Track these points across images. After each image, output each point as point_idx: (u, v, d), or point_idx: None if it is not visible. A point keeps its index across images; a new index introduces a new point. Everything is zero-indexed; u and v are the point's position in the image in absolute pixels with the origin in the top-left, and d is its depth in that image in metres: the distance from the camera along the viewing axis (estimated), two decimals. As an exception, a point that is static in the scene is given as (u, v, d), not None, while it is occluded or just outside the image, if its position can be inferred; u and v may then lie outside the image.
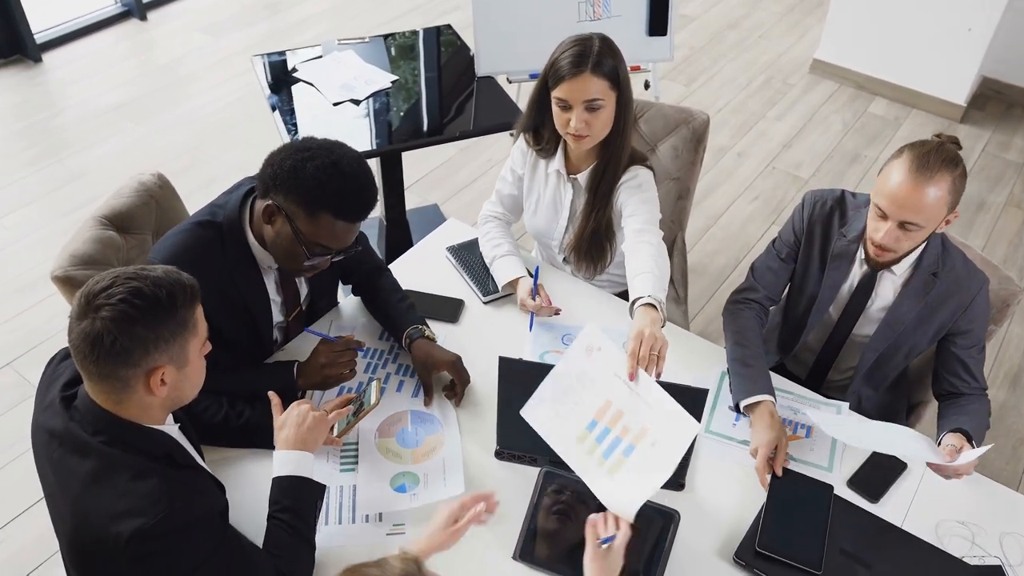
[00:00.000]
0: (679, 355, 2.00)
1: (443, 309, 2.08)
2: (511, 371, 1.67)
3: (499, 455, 1.76)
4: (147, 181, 2.13)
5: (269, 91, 2.86)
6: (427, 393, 1.86)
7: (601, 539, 1.45)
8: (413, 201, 3.70)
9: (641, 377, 1.57)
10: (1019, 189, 4.07)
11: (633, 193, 2.04)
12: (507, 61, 3.16)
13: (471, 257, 2.23)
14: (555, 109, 1.96)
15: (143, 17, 5.01)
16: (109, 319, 1.24)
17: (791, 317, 2.10)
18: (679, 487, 1.72)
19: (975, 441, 1.76)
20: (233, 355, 1.79)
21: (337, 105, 2.79)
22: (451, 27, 3.28)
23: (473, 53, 3.09)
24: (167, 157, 3.93)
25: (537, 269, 2.08)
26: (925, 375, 2.08)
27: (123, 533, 1.25)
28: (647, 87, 3.77)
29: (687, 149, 2.54)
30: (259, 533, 1.50)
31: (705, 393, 1.61)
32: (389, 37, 3.20)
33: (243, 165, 2.40)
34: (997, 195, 4.03)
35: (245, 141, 4.01)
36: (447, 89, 3.00)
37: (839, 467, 1.79)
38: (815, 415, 1.80)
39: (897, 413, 2.14)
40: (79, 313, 1.27)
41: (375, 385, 1.71)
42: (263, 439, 1.65)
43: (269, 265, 1.80)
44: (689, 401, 1.61)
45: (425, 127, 2.82)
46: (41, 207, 3.69)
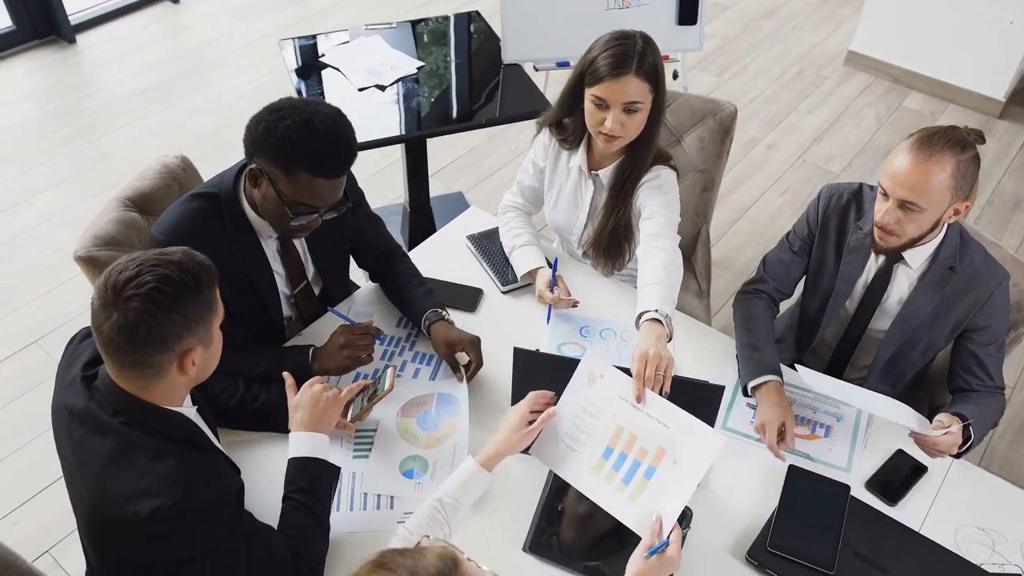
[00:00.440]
0: (698, 351, 1.99)
1: (461, 297, 2.07)
2: (526, 362, 1.66)
3: (512, 446, 1.75)
4: (170, 163, 2.15)
5: (296, 76, 2.87)
6: (456, 370, 1.86)
7: (649, 550, 1.41)
8: (438, 188, 3.70)
9: (649, 397, 1.55)
10: (1057, 188, 3.97)
11: (654, 194, 2.01)
12: (534, 49, 3.14)
13: (491, 246, 2.22)
14: (589, 106, 1.91)
15: (175, 0, 5.05)
16: (144, 309, 1.25)
17: (808, 312, 2.07)
18: (693, 484, 1.70)
19: (975, 431, 1.73)
20: (245, 330, 1.80)
21: (362, 90, 2.79)
22: (479, 13, 3.26)
23: (500, 40, 3.07)
24: (194, 140, 3.97)
25: (556, 260, 2.07)
26: (946, 377, 2.03)
27: (141, 513, 1.27)
28: (675, 77, 3.72)
29: (713, 141, 2.51)
30: (274, 515, 1.51)
31: (721, 390, 1.59)
32: (420, 23, 3.19)
33: (267, 149, 2.40)
34: (1034, 193, 3.94)
35: (273, 125, 4.00)
36: (474, 76, 2.99)
37: (857, 468, 1.76)
38: (806, 374, 1.77)
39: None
40: (106, 304, 1.26)
41: (390, 372, 1.71)
42: (278, 422, 1.66)
43: (269, 235, 1.81)
44: (705, 397, 1.60)
45: (450, 114, 2.81)
46: (71, 187, 3.74)
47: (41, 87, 4.36)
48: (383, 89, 2.81)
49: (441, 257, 2.18)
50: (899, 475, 1.74)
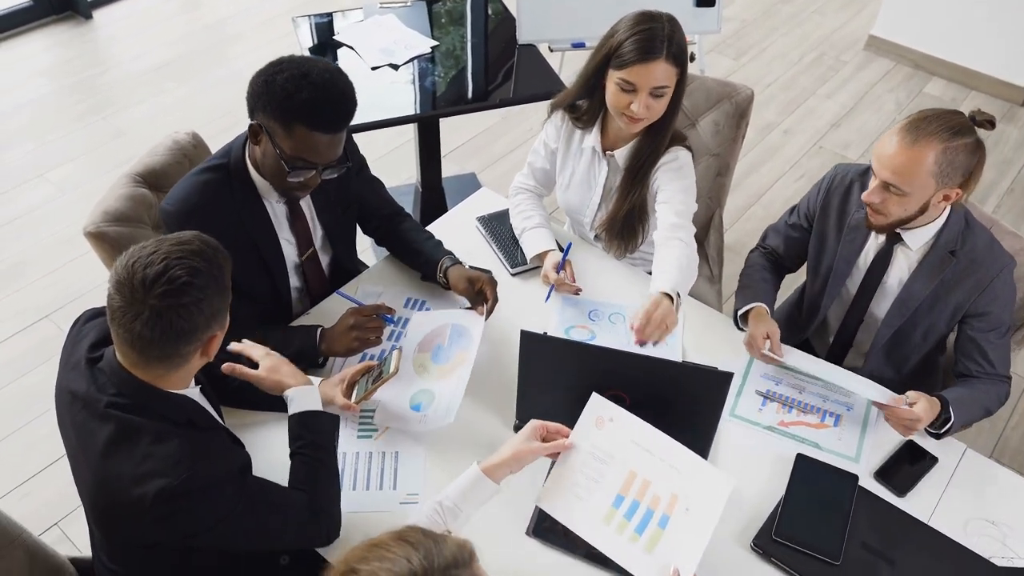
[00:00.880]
0: (709, 336, 1.97)
1: (471, 279, 2.06)
2: (533, 345, 1.65)
3: (518, 429, 1.74)
4: (181, 140, 2.14)
5: (309, 54, 2.85)
6: (476, 305, 1.88)
7: None
8: (451, 169, 3.68)
9: (663, 441, 1.49)
10: (1079, 178, 3.91)
11: (673, 178, 1.99)
12: (550, 29, 3.10)
13: (501, 228, 2.21)
14: (614, 88, 1.89)
15: (192, -24, 5.03)
16: (179, 305, 1.25)
17: (810, 293, 2.08)
18: (699, 470, 1.69)
19: (955, 409, 1.72)
20: (252, 306, 1.79)
21: (376, 69, 2.77)
22: (494, -8, 3.23)
23: (515, 20, 3.04)
24: (209, 118, 3.96)
25: (570, 245, 2.05)
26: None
27: (147, 495, 1.27)
28: (692, 60, 3.67)
29: (729, 125, 2.47)
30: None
31: (730, 377, 1.57)
32: (437, 2, 3.16)
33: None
34: (1057, 184, 3.88)
35: (287, 103, 3.99)
36: (488, 56, 2.96)
37: (866, 458, 1.74)
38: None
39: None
40: (134, 300, 1.25)
41: (396, 354, 1.71)
42: (281, 401, 1.66)
43: (276, 199, 1.81)
44: (714, 384, 1.58)
45: (463, 94, 2.79)
46: (85, 163, 3.75)
47: (57, 63, 4.36)
48: (396, 68, 2.79)
49: (451, 238, 2.16)
50: (908, 466, 1.73)
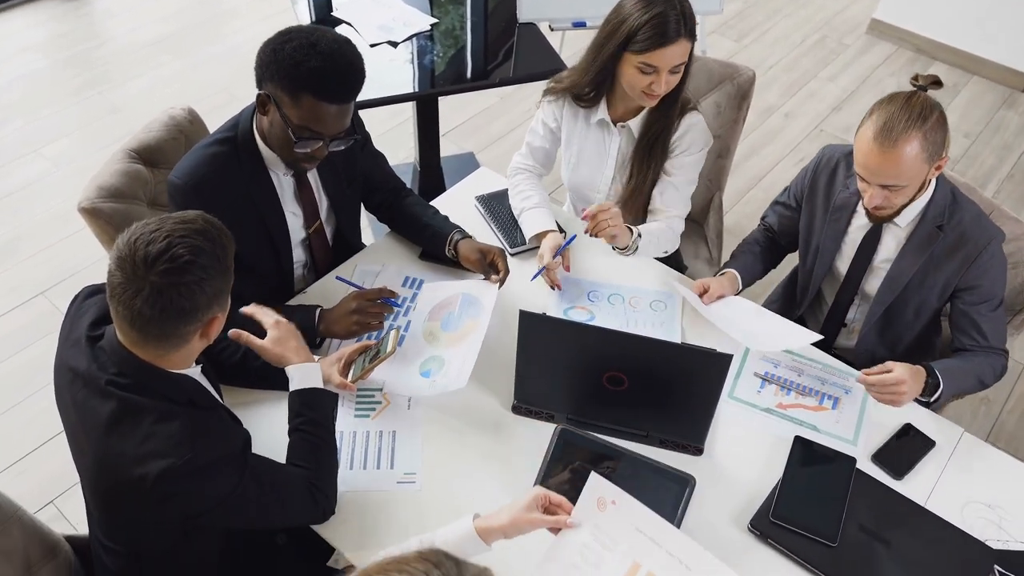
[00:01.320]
0: (707, 319, 1.96)
1: (469, 259, 2.05)
2: (532, 326, 1.64)
3: (516, 410, 1.74)
4: (177, 116, 2.12)
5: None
6: (488, 276, 1.91)
7: None
8: (449, 149, 3.66)
9: (670, 532, 1.36)
10: (1080, 164, 3.90)
11: (685, 153, 2.05)
12: (550, 8, 3.08)
13: (500, 207, 2.19)
14: (632, 71, 1.89)
15: (188, -50, 4.97)
16: (180, 283, 1.24)
17: (802, 270, 2.10)
18: (698, 452, 1.69)
19: (943, 378, 1.75)
20: (255, 283, 1.78)
21: (374, 46, 2.74)
22: (495, -30, 3.20)
23: (516, -2, 3.01)
24: (205, 93, 3.93)
25: (573, 237, 2.03)
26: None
27: (149, 475, 1.26)
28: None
29: (730, 107, 2.46)
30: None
31: (729, 359, 1.56)
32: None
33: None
34: (1057, 169, 3.87)
35: (284, 80, 3.96)
36: (487, 34, 2.93)
37: (864, 441, 1.74)
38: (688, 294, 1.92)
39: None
40: (135, 277, 1.23)
41: (393, 334, 1.70)
42: (279, 381, 1.65)
43: (284, 171, 1.80)
44: (713, 365, 1.58)
45: (463, 73, 2.76)
46: (80, 138, 3.72)
47: (51, 37, 4.31)
48: (395, 46, 2.76)
49: (450, 217, 2.15)
50: (906, 449, 1.72)
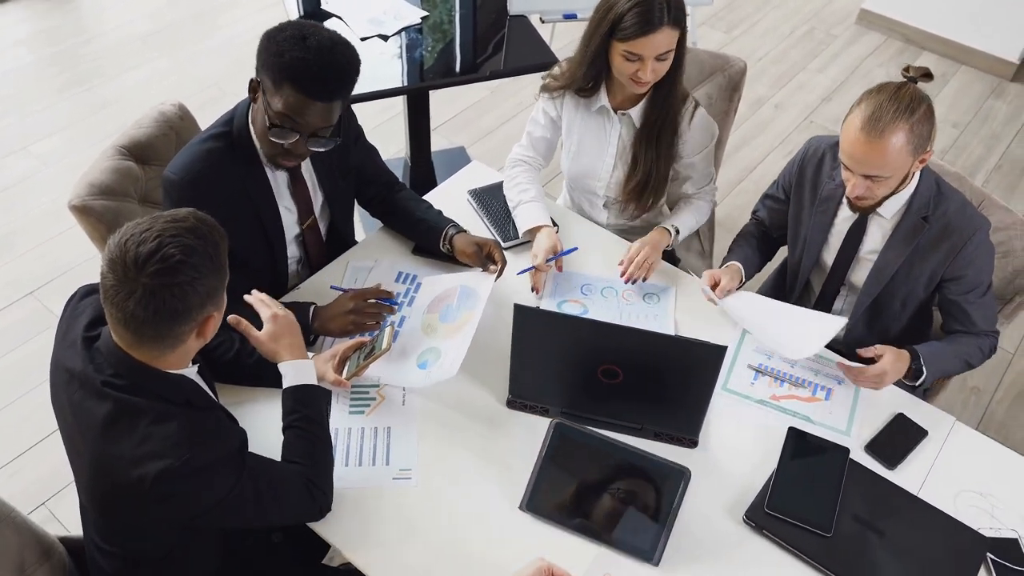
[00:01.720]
0: (701, 310, 1.97)
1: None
2: (526, 320, 1.64)
3: (511, 404, 1.74)
4: (168, 111, 2.11)
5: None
6: (486, 267, 1.92)
7: None
8: (440, 143, 3.65)
9: None
10: (1067, 153, 3.92)
11: (698, 144, 2.09)
12: (541, 0, 3.07)
13: (493, 201, 2.19)
14: (619, 59, 1.90)
15: (175, -56, 4.94)
16: (172, 283, 1.23)
17: (791, 260, 2.11)
18: (692, 444, 1.69)
19: (927, 362, 1.78)
20: (248, 279, 1.78)
21: (365, 40, 2.73)
22: (485, -37, 3.19)
23: (506, -9, 3.00)
24: (196, 88, 3.91)
25: (573, 249, 2.02)
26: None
27: (148, 476, 1.26)
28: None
29: (721, 98, 2.46)
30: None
31: (723, 351, 1.57)
32: (422, -28, 3.12)
33: (266, 99, 2.36)
34: (1044, 158, 3.88)
35: (273, 75, 3.94)
36: (478, 28, 2.92)
37: (857, 431, 1.75)
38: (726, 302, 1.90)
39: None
40: (127, 278, 1.22)
41: (388, 331, 1.69)
42: (273, 378, 1.65)
43: (278, 165, 1.80)
44: (707, 357, 1.58)
45: (454, 66, 2.75)
46: (69, 135, 3.69)
47: (38, 32, 4.28)
48: (386, 39, 2.75)
49: (442, 212, 2.15)
50: (899, 439, 1.73)
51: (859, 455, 1.70)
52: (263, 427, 1.61)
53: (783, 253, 2.23)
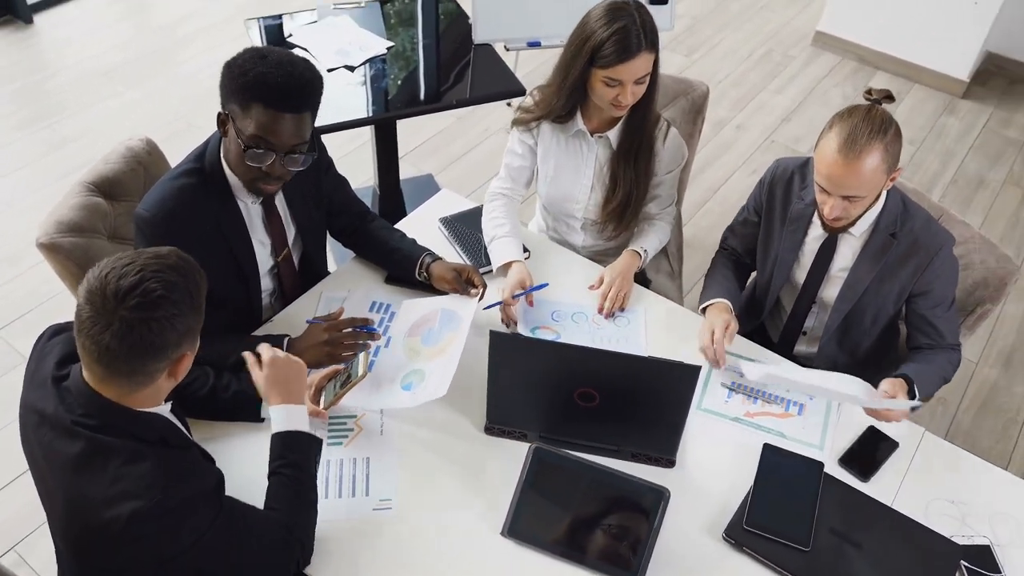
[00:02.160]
0: (672, 330, 1.99)
1: (435, 281, 2.05)
2: (502, 346, 1.65)
3: (489, 430, 1.75)
4: (135, 147, 2.10)
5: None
6: (467, 292, 1.93)
7: None
8: (408, 171, 3.66)
9: None
10: (1019, 167, 4.03)
11: (669, 165, 2.14)
12: (505, 28, 3.11)
13: (464, 228, 2.20)
14: (599, 85, 1.94)
15: (136, -22, 4.93)
16: (151, 318, 1.22)
17: (760, 280, 2.14)
18: (670, 464, 1.71)
19: (918, 386, 1.79)
20: (226, 315, 1.77)
21: (331, 71, 2.74)
22: (448, -7, 3.23)
23: (471, 20, 3.04)
24: (160, 122, 3.89)
25: (544, 285, 2.03)
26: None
27: (120, 517, 1.24)
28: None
29: (686, 121, 2.50)
30: (256, 502, 1.47)
31: (697, 370, 1.59)
32: (387, 3, 3.14)
33: (234, 132, 2.35)
34: (997, 172, 3.99)
35: (239, 107, 3.93)
36: (444, 57, 2.95)
37: (830, 445, 1.78)
38: (749, 368, 1.84)
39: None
40: (104, 311, 1.21)
41: (363, 357, 1.69)
42: (250, 412, 1.64)
43: (252, 199, 1.80)
44: (682, 378, 1.60)
45: (420, 95, 2.77)
46: (32, 172, 3.64)
47: (-2, 68, 4.24)
48: (352, 70, 2.77)
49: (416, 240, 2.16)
50: (871, 451, 1.77)
51: (833, 468, 1.73)
52: (239, 466, 1.59)
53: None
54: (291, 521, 1.45)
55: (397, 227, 2.13)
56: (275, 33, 2.91)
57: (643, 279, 2.40)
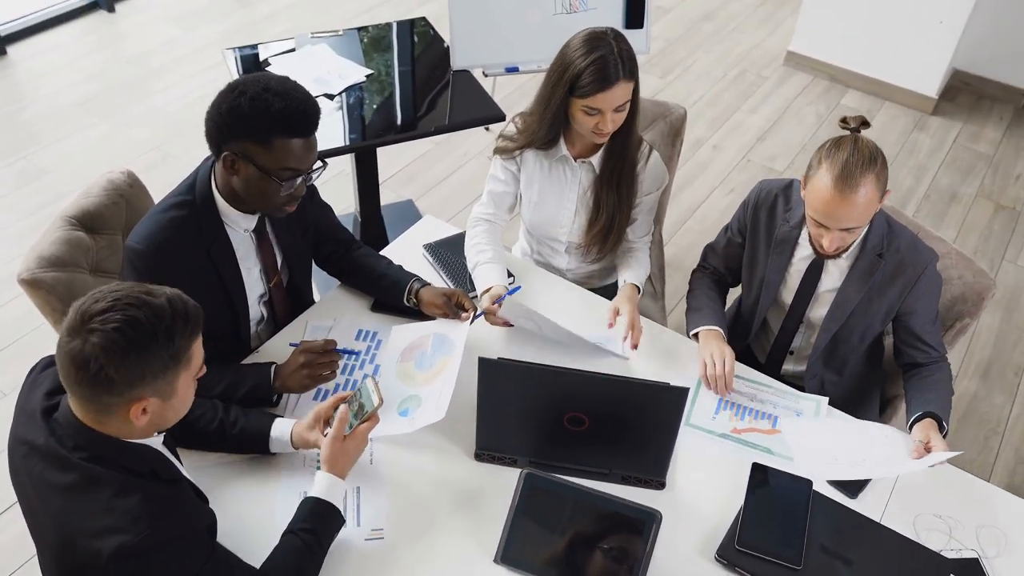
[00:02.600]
0: (656, 351, 2.01)
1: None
2: (491, 372, 1.66)
3: (479, 457, 1.75)
4: (117, 179, 2.09)
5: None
6: (458, 316, 1.93)
7: None
8: (387, 197, 3.67)
9: None
10: (989, 181, 4.11)
11: (650, 187, 2.16)
12: (483, 54, 3.13)
13: (448, 254, 2.21)
14: (579, 114, 1.96)
15: (111, 9, 4.91)
16: (99, 346, 1.20)
17: (746, 302, 2.16)
18: (660, 486, 1.71)
19: (944, 416, 1.81)
20: (214, 345, 1.76)
21: (310, 100, 2.75)
22: (425, 19, 3.25)
23: (448, 46, 3.06)
24: (137, 153, 3.87)
25: (517, 288, 2.05)
26: (897, 371, 2.09)
27: (104, 551, 1.22)
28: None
29: (665, 144, 2.53)
30: (239, 546, 1.45)
31: (686, 392, 1.60)
32: (363, 30, 3.16)
33: (215, 162, 2.35)
34: (968, 186, 4.07)
35: (217, 136, 3.92)
36: (422, 83, 2.97)
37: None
38: (788, 430, 1.84)
39: (869, 407, 2.16)
40: (71, 330, 1.21)
41: (370, 383, 1.62)
42: (260, 445, 1.63)
43: (245, 228, 1.80)
44: (670, 399, 1.61)
45: (400, 122, 2.79)
46: (6, 205, 3.61)
47: (-29, 101, 4.21)
48: (331, 98, 2.78)
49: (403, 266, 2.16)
50: (858, 468, 1.78)
51: (822, 486, 1.74)
52: (234, 506, 1.59)
53: (734, 292, 2.29)
54: None
55: (383, 254, 2.14)
56: (252, 62, 2.91)
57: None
